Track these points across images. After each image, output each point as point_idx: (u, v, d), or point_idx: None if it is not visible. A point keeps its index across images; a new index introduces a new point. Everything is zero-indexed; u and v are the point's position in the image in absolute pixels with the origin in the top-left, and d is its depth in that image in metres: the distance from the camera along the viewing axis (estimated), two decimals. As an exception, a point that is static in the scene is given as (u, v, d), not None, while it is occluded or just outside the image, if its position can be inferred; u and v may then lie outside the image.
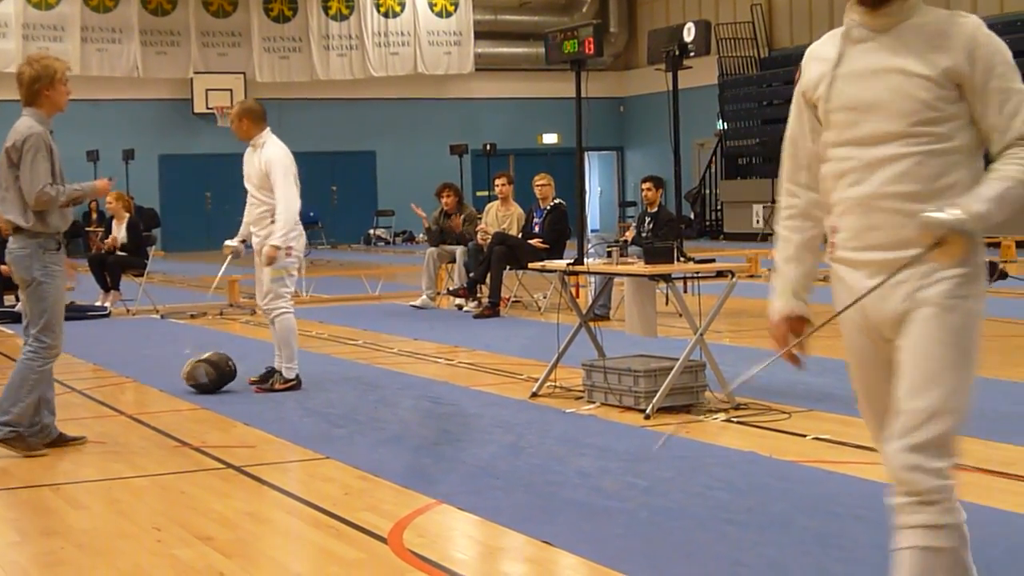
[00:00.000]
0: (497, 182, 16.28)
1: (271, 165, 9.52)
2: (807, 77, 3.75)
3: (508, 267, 14.88)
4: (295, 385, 9.66)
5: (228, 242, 10.12)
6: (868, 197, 3.57)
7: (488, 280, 14.88)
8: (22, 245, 7.53)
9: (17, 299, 14.19)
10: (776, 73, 32.68)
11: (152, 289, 17.29)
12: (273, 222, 9.45)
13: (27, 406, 7.53)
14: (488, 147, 28.36)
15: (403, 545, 5.38)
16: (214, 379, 9.62)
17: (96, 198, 8.19)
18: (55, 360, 7.65)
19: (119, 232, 16.81)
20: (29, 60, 7.74)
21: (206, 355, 9.78)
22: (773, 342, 4.05)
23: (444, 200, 16.33)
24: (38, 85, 7.59)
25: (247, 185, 9.78)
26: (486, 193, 27.91)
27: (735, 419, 8.01)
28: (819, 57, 3.72)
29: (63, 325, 7.64)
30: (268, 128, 9.91)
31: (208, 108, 34.11)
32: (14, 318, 14.11)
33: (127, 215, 16.99)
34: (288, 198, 9.44)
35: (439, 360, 11.36)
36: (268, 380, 9.67)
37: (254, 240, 9.74)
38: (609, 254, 8.94)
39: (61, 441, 7.75)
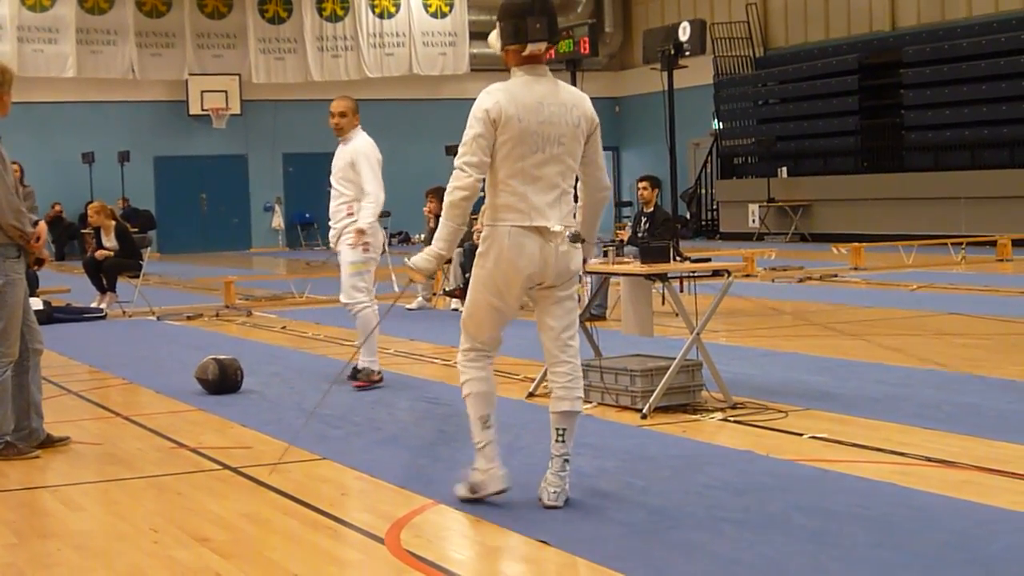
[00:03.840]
0: (492, 183, 16.27)
1: (358, 155, 9.78)
2: None
3: (504, 267, 14.87)
4: (380, 380, 9.80)
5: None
6: None
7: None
8: None
9: None
10: (771, 72, 32.69)
11: (148, 291, 17.29)
12: (349, 214, 9.76)
13: (5, 415, 7.43)
14: (484, 148, 28.30)
15: (400, 545, 5.38)
16: (216, 381, 9.60)
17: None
18: (9, 368, 7.47)
19: (109, 242, 16.79)
20: None
21: (223, 356, 9.79)
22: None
23: (427, 205, 16.42)
24: (2, 89, 7.42)
25: (331, 180, 10.03)
26: (482, 194, 27.86)
27: (732, 418, 8.01)
28: None
29: (19, 332, 7.48)
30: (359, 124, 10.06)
31: (204, 110, 34.10)
32: None
33: (113, 223, 16.96)
34: (377, 187, 9.73)
35: (435, 360, 11.36)
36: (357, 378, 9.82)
37: (331, 233, 10.01)
38: (605, 254, 8.93)
39: (49, 442, 7.71)
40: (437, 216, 16.27)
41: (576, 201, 6.18)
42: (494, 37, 6.01)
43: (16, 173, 18.58)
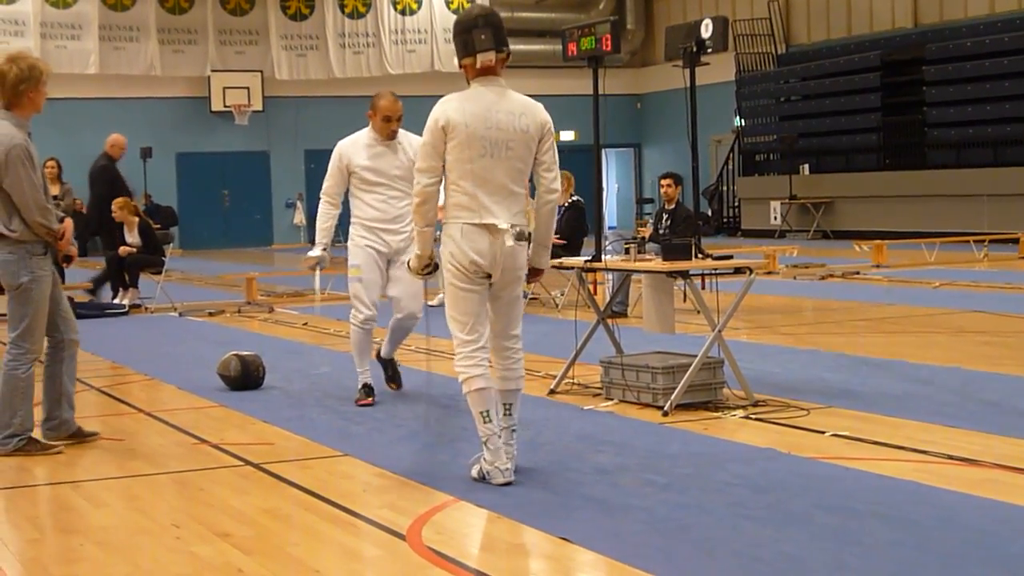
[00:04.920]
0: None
1: None
2: None
3: (525, 264, 14.86)
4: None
5: (310, 253, 9.38)
6: None
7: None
8: (10, 251, 7.37)
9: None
10: (793, 69, 32.62)
11: (170, 287, 17.33)
12: None
13: (28, 412, 7.47)
14: (505, 144, 28.34)
15: (422, 542, 5.39)
16: (238, 378, 9.63)
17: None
18: (33, 364, 7.49)
19: (132, 238, 16.79)
20: (13, 59, 7.40)
21: (245, 352, 9.82)
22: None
23: None
24: (24, 86, 7.35)
25: (383, 181, 9.32)
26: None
27: (753, 416, 8.00)
28: None
29: (44, 329, 7.51)
30: None
31: (226, 106, 34.16)
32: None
33: (136, 219, 16.96)
34: None
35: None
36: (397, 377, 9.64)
37: (395, 238, 9.07)
38: (627, 251, 8.93)
39: (80, 435, 7.75)
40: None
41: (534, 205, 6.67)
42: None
43: (53, 169, 18.70)
